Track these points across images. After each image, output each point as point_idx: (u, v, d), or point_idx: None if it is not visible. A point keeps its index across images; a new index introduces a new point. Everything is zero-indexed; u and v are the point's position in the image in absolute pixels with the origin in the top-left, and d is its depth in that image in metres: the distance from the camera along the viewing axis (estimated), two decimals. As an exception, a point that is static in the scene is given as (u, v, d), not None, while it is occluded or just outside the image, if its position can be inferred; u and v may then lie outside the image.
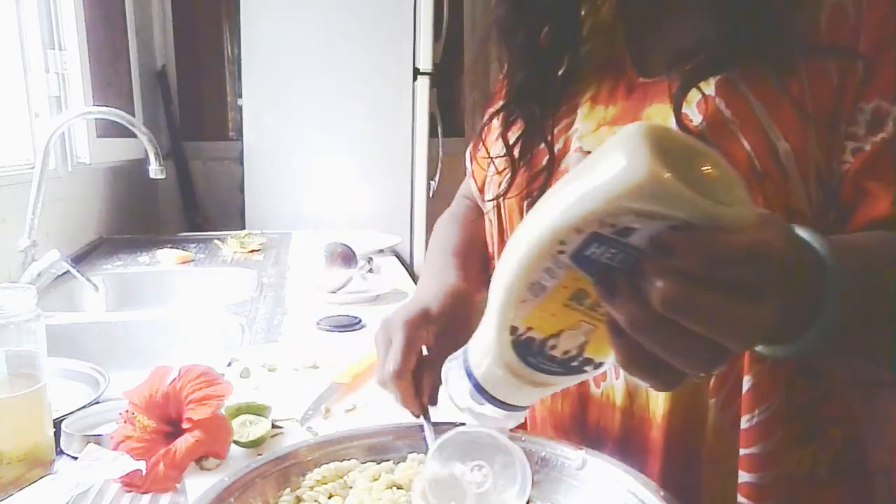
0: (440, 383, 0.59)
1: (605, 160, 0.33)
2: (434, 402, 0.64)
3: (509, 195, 0.69)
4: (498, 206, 0.72)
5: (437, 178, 2.41)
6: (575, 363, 0.41)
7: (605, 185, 0.33)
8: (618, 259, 0.35)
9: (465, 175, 0.88)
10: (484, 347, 0.43)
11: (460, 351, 0.47)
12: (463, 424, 0.67)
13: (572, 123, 0.67)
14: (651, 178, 0.32)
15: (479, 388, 0.44)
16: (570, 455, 0.60)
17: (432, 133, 2.35)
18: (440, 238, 0.85)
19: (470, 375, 0.45)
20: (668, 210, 0.32)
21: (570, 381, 0.44)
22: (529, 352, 0.41)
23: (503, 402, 0.45)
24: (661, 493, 0.53)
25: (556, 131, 0.68)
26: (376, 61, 2.27)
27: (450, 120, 2.67)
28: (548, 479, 0.60)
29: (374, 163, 2.34)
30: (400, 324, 0.64)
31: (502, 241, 0.72)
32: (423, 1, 2.17)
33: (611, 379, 0.65)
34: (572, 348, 0.40)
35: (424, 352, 0.65)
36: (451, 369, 0.47)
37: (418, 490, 0.56)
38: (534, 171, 0.68)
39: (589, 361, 0.41)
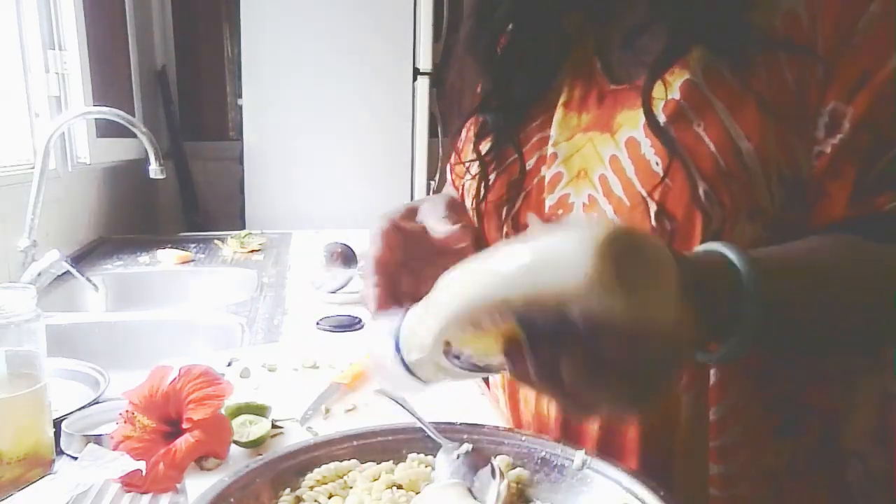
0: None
1: (559, 260, 0.37)
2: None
3: (486, 200, 0.71)
4: (476, 211, 0.73)
5: (437, 178, 2.41)
6: (493, 367, 0.46)
7: (553, 285, 0.37)
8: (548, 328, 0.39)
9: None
10: (418, 344, 0.47)
11: (396, 318, 0.50)
12: (463, 424, 0.67)
13: (546, 128, 0.68)
14: (595, 292, 0.36)
15: (403, 363, 0.49)
16: (570, 455, 0.60)
17: (432, 133, 2.35)
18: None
19: (397, 349, 0.49)
20: (600, 313, 0.37)
21: (484, 376, 0.49)
22: (456, 357, 0.46)
23: (416, 376, 0.50)
24: (661, 493, 0.53)
25: (534, 139, 0.69)
26: (376, 61, 2.27)
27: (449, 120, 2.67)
28: (548, 479, 0.60)
29: (374, 163, 2.34)
30: (382, 216, 0.66)
31: (478, 247, 0.73)
32: (423, 1, 2.17)
33: None
34: (495, 363, 0.45)
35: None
36: (383, 331, 0.51)
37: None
38: (511, 179, 0.69)
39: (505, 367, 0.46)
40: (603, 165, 0.63)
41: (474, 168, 0.73)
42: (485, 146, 0.72)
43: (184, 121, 2.78)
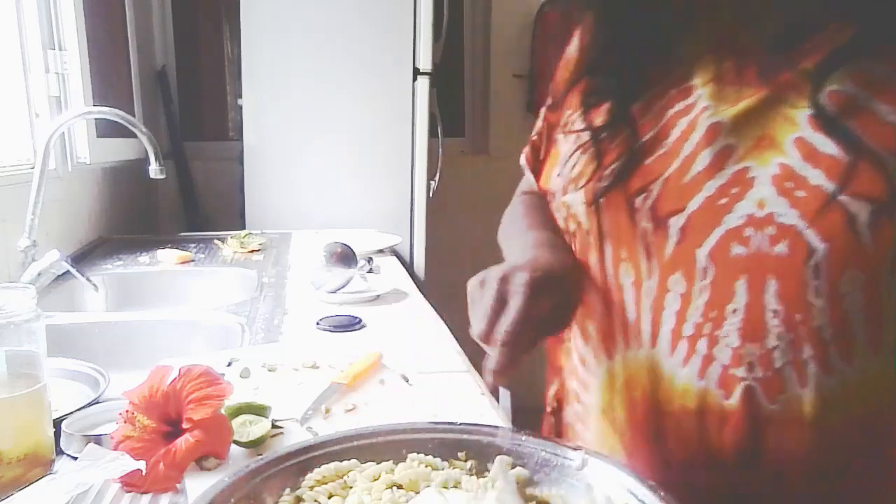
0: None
1: None
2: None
3: (608, 189, 0.62)
4: (591, 203, 0.64)
5: (437, 178, 2.42)
6: None
7: None
8: None
9: (521, 175, 0.85)
10: None
11: None
12: (463, 424, 0.67)
13: (689, 104, 0.61)
14: None
15: None
16: (570, 455, 0.60)
17: (432, 133, 2.35)
18: (525, 215, 0.79)
19: None
20: None
21: None
22: None
23: None
24: (661, 494, 0.53)
25: (668, 114, 0.62)
26: (376, 61, 2.26)
27: (449, 120, 2.67)
28: (548, 479, 0.60)
29: (374, 163, 2.34)
30: (523, 283, 0.59)
31: (601, 247, 0.64)
32: (423, 1, 2.17)
33: (792, 388, 0.57)
34: None
35: None
36: None
37: None
38: (638, 160, 0.61)
39: None
40: (798, 128, 0.56)
41: (573, 157, 0.65)
42: (596, 120, 0.64)
43: (184, 121, 2.78)
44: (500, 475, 0.58)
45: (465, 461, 0.63)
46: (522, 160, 0.84)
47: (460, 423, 0.67)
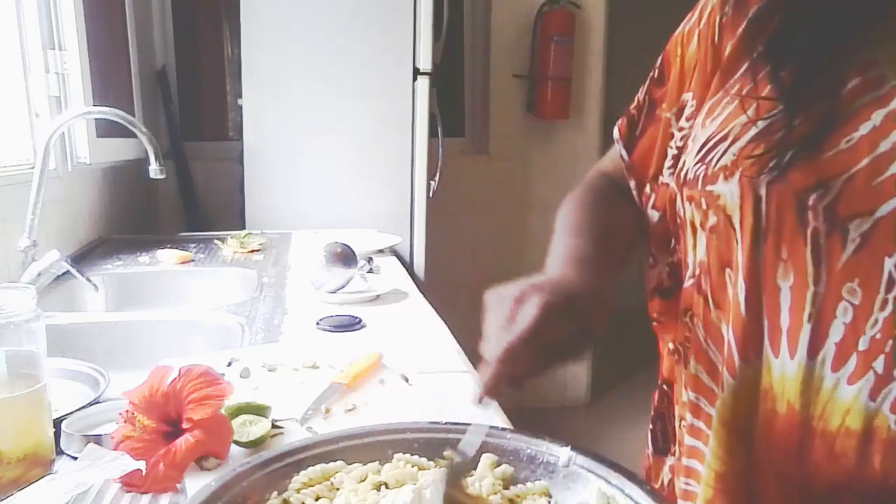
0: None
1: None
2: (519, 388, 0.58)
3: (774, 183, 0.55)
4: (751, 201, 0.56)
5: (437, 178, 2.41)
6: None
7: None
8: None
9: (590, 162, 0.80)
10: None
11: None
12: (447, 423, 0.67)
13: (882, 96, 0.53)
14: None
15: None
16: (556, 452, 0.61)
17: (432, 133, 2.35)
18: (576, 217, 0.74)
19: None
20: None
21: None
22: None
23: None
24: (647, 488, 0.53)
25: (856, 104, 0.54)
26: (376, 61, 2.26)
27: (449, 120, 2.67)
28: (534, 476, 0.61)
29: (374, 163, 2.34)
30: (537, 305, 0.56)
31: (755, 244, 0.57)
32: (423, 1, 2.17)
33: None
34: None
35: None
36: None
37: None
38: (810, 151, 0.54)
39: None
40: None
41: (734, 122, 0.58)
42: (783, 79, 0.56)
43: (184, 121, 2.78)
44: (436, 476, 0.58)
45: (451, 460, 0.63)
46: (616, 132, 0.77)
47: (445, 423, 0.67)
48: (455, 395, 0.95)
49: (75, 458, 0.73)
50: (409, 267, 2.24)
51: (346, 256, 1.51)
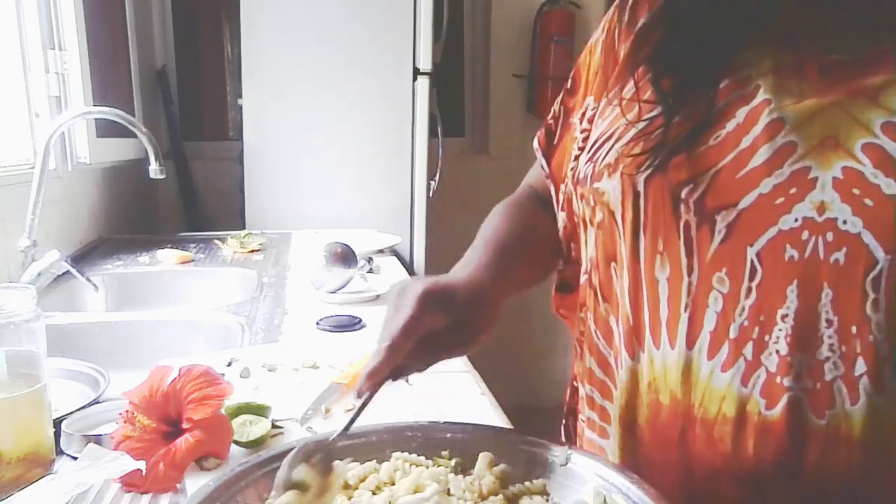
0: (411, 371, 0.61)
1: None
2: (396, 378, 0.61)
3: (650, 176, 0.58)
4: (631, 189, 0.59)
5: (437, 178, 2.41)
6: None
7: None
8: None
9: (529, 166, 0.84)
10: None
11: None
12: (445, 423, 0.67)
13: (747, 94, 0.57)
14: None
15: None
16: (554, 451, 0.61)
17: (432, 133, 2.35)
18: (489, 226, 0.77)
19: None
20: None
21: None
22: None
23: None
24: (644, 487, 0.53)
25: (721, 104, 0.58)
26: (376, 61, 2.27)
27: (449, 120, 2.67)
28: (533, 475, 0.61)
29: (374, 163, 2.34)
30: (415, 295, 0.59)
31: (636, 238, 0.60)
32: (423, 1, 2.17)
33: (841, 404, 0.53)
34: None
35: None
36: None
37: None
38: (688, 150, 0.57)
39: None
40: (870, 133, 0.52)
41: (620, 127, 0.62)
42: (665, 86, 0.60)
43: (184, 121, 2.78)
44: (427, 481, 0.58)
45: (450, 459, 0.63)
46: (535, 143, 0.81)
47: (443, 423, 0.67)
48: (455, 395, 0.95)
49: (75, 458, 0.73)
50: (409, 267, 2.24)
51: (346, 256, 1.51)
